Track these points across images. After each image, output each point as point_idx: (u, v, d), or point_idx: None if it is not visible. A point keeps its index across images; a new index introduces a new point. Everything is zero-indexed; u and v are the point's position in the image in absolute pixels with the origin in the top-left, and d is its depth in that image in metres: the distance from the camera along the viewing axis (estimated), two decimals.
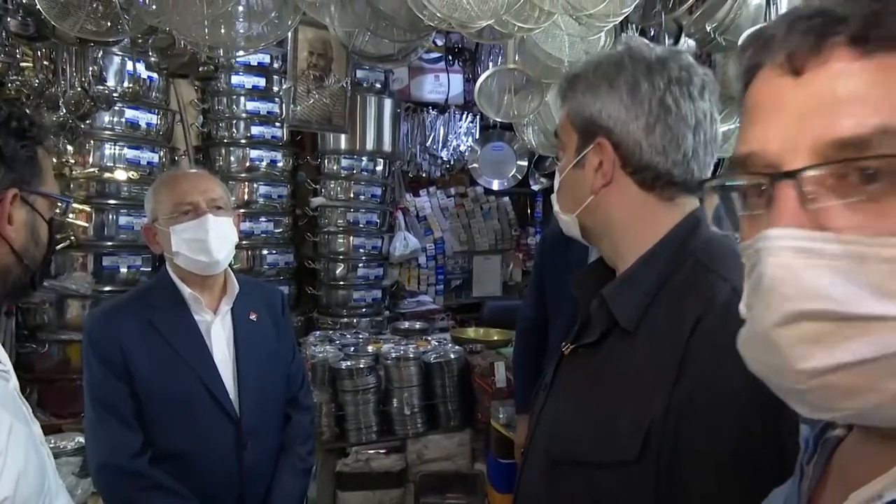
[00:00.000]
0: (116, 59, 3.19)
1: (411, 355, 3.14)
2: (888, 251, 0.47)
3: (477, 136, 5.01)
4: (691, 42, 3.14)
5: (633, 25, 2.62)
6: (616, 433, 0.93)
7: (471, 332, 3.99)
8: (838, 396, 0.49)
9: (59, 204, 1.13)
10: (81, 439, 2.45)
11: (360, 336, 3.62)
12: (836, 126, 0.50)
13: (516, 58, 2.48)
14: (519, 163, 5.11)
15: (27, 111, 1.08)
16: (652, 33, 3.00)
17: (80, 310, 3.27)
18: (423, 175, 5.01)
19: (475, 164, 5.06)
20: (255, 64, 3.94)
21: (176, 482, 1.74)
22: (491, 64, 4.58)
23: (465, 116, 4.95)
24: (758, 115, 0.56)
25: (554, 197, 1.13)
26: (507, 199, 5.19)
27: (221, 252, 1.80)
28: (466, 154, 4.99)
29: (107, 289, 3.31)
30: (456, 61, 4.82)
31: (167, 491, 1.72)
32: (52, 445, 2.47)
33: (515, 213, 5.19)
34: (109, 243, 3.37)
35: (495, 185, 5.12)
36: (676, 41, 3.22)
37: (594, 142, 1.02)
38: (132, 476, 1.71)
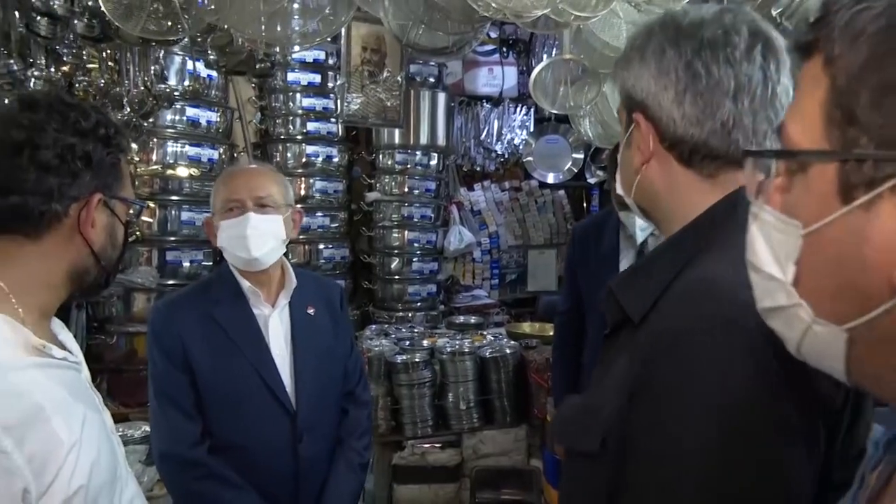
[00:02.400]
0: (177, 59, 3.27)
1: (466, 350, 3.14)
2: None
3: (531, 129, 4.96)
4: None
5: None
6: (587, 426, 0.92)
7: (526, 326, 3.96)
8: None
9: (135, 210, 1.17)
10: (147, 428, 2.53)
11: (416, 330, 3.63)
12: None
13: (572, 48, 2.43)
14: (574, 156, 5.03)
15: (112, 119, 1.10)
16: None
17: (146, 303, 3.38)
18: (478, 169, 4.99)
19: (530, 158, 5.00)
20: (311, 61, 3.99)
21: (233, 472, 1.77)
22: (545, 55, 4.52)
23: (519, 109, 4.90)
24: None
25: (617, 182, 1.09)
26: (562, 192, 5.13)
27: (260, 250, 1.80)
28: (521, 147, 4.95)
29: (170, 282, 3.40)
30: (510, 53, 4.77)
31: (224, 480, 1.75)
32: (119, 434, 2.56)
33: (571, 207, 5.12)
34: (172, 238, 3.47)
35: (550, 179, 5.05)
36: None
37: (633, 116, 0.99)
38: (191, 465, 1.75)
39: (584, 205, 5.23)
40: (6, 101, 2.14)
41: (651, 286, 0.93)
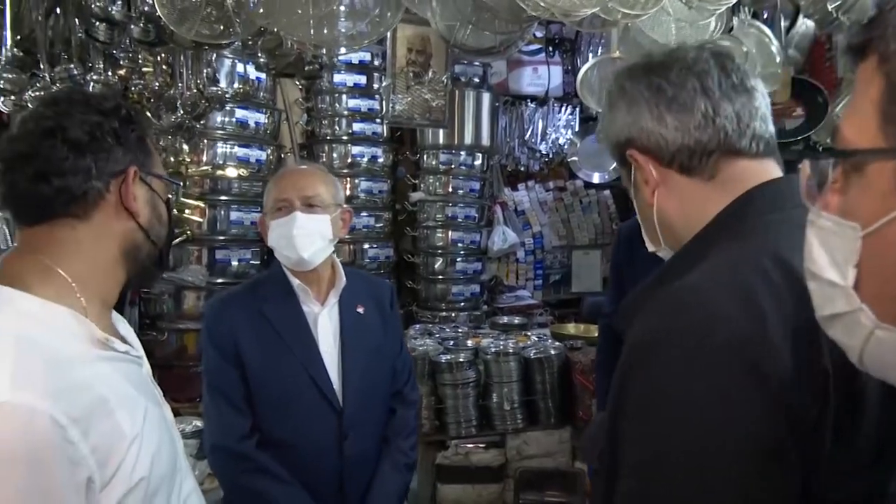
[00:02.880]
0: (227, 62, 3.34)
1: (511, 350, 3.13)
2: None
3: (576, 129, 4.91)
4: (809, 23, 2.95)
5: (746, 8, 2.49)
6: (596, 444, 0.96)
7: (571, 327, 3.93)
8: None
9: (172, 189, 1.20)
10: (198, 423, 2.58)
11: (460, 330, 3.63)
12: None
13: (620, 46, 2.41)
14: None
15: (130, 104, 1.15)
16: (766, 15, 2.85)
17: (196, 300, 3.46)
18: (522, 169, 4.96)
19: (574, 158, 4.95)
20: (357, 62, 4.02)
21: (281, 467, 1.80)
22: (591, 54, 4.48)
23: (564, 108, 4.86)
24: None
25: (646, 242, 1.11)
26: (607, 192, 5.06)
27: (307, 250, 1.82)
28: (566, 147, 4.90)
29: (219, 281, 3.47)
30: (556, 52, 4.74)
31: (271, 475, 1.79)
32: None
33: (616, 207, 5.06)
34: (221, 238, 3.54)
35: (595, 179, 5.00)
36: (793, 23, 3.03)
37: (627, 159, 1.02)
38: (239, 458, 1.79)
39: (630, 205, 5.15)
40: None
41: (642, 298, 0.95)
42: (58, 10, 2.23)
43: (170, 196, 1.19)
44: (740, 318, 0.77)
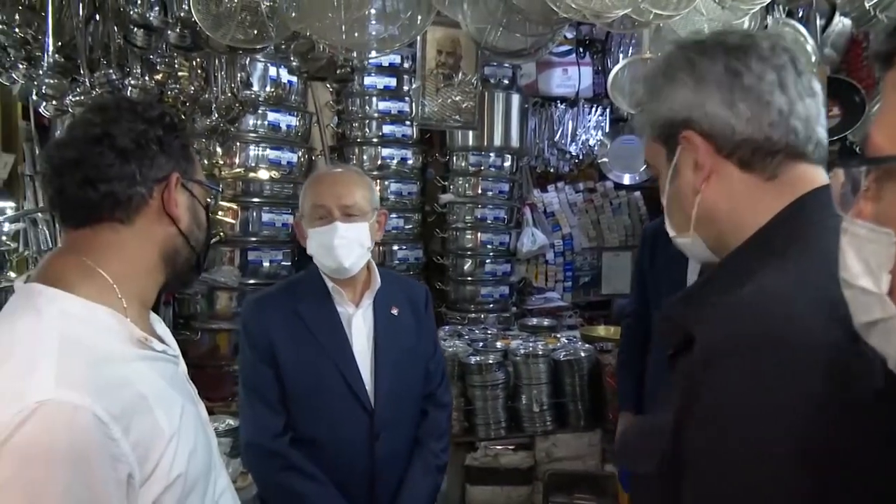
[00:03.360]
0: (260, 66, 3.39)
1: (540, 352, 3.12)
2: None
3: (607, 130, 4.88)
4: (846, 21, 2.90)
5: (781, 7, 2.45)
6: (643, 447, 0.92)
7: (601, 330, 3.91)
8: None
9: (211, 194, 1.23)
10: (231, 422, 2.62)
11: (489, 332, 3.63)
12: None
13: (651, 47, 2.39)
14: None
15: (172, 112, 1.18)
16: (801, 13, 2.80)
17: (228, 301, 3.51)
18: (551, 170, 4.94)
19: (605, 159, 4.92)
20: (387, 65, 4.04)
21: (313, 465, 1.82)
22: (622, 55, 4.45)
23: (594, 110, 4.83)
24: None
25: (668, 225, 1.05)
26: (637, 193, 5.02)
27: (348, 259, 1.84)
28: (596, 148, 4.87)
29: (251, 281, 3.52)
30: (586, 53, 4.71)
31: (304, 473, 1.81)
32: None
33: (647, 209, 5.02)
34: (254, 239, 3.59)
35: (626, 180, 4.96)
36: (829, 22, 2.98)
37: (678, 139, 0.95)
38: (273, 455, 1.82)
39: (660, 205, 5.10)
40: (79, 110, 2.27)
41: (707, 303, 0.90)
42: (97, 17, 2.28)
43: (209, 201, 1.22)
44: (830, 326, 0.73)
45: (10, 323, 0.98)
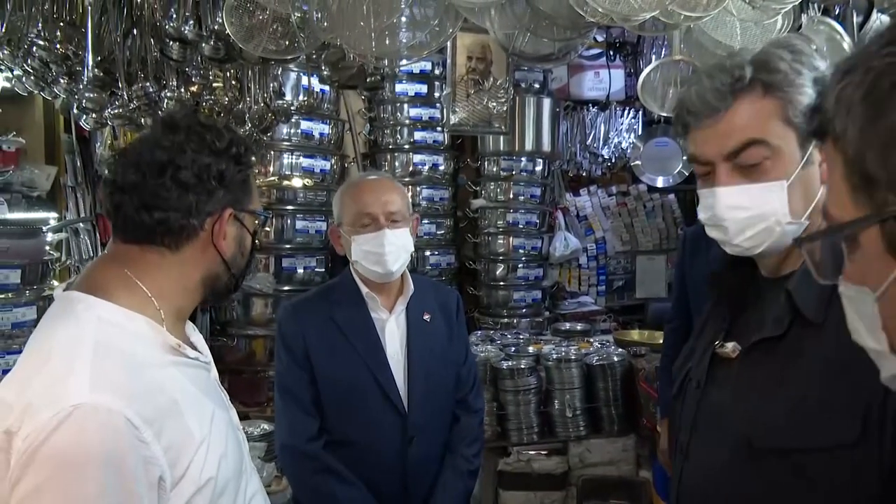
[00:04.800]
0: (293, 76, 3.45)
1: (573, 357, 3.10)
2: None
3: (639, 132, 4.84)
4: (884, 18, 2.83)
5: (816, 5, 2.41)
6: (829, 419, 0.92)
7: (635, 334, 3.87)
8: None
9: (261, 220, 1.26)
10: (266, 426, 2.66)
11: (521, 336, 3.62)
12: None
13: (682, 48, 2.36)
14: (685, 158, 4.87)
15: (243, 137, 1.19)
16: (837, 12, 2.74)
17: (264, 307, 3.56)
18: (584, 174, 4.93)
19: (637, 161, 4.88)
20: (418, 72, 4.08)
21: (346, 469, 1.84)
22: (654, 57, 4.40)
23: (626, 112, 4.80)
24: None
25: (778, 210, 1.04)
26: (671, 196, 4.97)
27: (396, 264, 1.87)
28: (628, 151, 4.84)
29: (286, 288, 3.57)
30: (617, 56, 4.68)
31: (338, 475, 1.83)
32: None
33: (681, 211, 4.96)
34: (288, 246, 3.64)
35: (659, 183, 4.91)
36: (867, 18, 2.91)
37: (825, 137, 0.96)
38: (307, 458, 1.84)
39: (696, 208, 5.03)
40: (148, 122, 2.33)
41: (820, 288, 0.89)
42: (135, 32, 2.34)
43: (257, 227, 1.24)
44: None
45: (49, 329, 1.02)
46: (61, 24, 2.25)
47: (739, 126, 1.03)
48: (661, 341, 3.56)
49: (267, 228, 3.56)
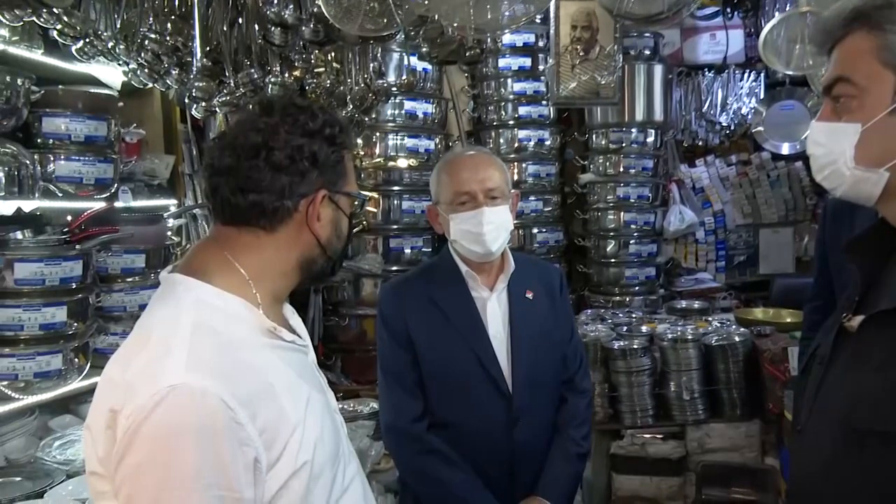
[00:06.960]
0: (395, 56, 3.45)
1: (689, 337, 2.95)
2: None
3: (762, 97, 4.52)
4: None
5: None
6: None
7: (758, 312, 3.64)
8: None
9: (358, 202, 1.24)
10: (375, 405, 2.70)
11: (634, 315, 3.49)
12: None
13: None
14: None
15: (338, 118, 1.17)
16: None
17: (373, 287, 3.63)
18: (700, 143, 4.68)
19: (760, 128, 4.56)
20: (521, 45, 3.99)
21: (452, 450, 1.82)
22: (777, 12, 4.08)
23: (746, 75, 4.50)
24: None
25: (845, 152, 0.98)
26: (799, 164, 4.61)
27: (496, 244, 1.82)
28: (749, 117, 4.54)
29: (394, 268, 3.62)
30: (735, 14, 4.37)
31: (442, 456, 1.81)
32: (349, 409, 2.77)
33: (810, 180, 4.60)
34: (395, 227, 3.68)
35: (785, 150, 4.56)
36: None
37: None
38: (412, 439, 1.83)
39: None
40: (250, 107, 2.39)
41: None
42: (240, 21, 2.40)
43: (354, 209, 1.22)
44: None
45: (152, 311, 1.05)
46: (171, 17, 2.34)
47: (835, 61, 1.02)
48: (787, 320, 3.36)
49: (374, 209, 3.61)
